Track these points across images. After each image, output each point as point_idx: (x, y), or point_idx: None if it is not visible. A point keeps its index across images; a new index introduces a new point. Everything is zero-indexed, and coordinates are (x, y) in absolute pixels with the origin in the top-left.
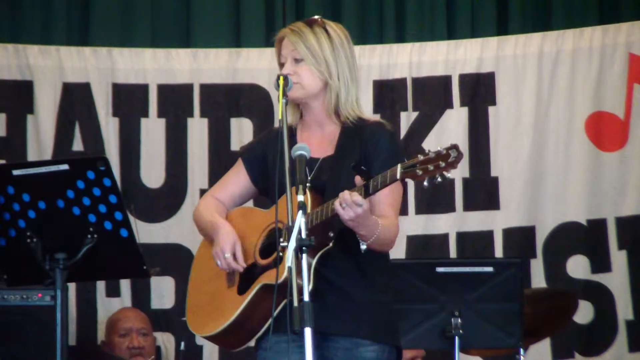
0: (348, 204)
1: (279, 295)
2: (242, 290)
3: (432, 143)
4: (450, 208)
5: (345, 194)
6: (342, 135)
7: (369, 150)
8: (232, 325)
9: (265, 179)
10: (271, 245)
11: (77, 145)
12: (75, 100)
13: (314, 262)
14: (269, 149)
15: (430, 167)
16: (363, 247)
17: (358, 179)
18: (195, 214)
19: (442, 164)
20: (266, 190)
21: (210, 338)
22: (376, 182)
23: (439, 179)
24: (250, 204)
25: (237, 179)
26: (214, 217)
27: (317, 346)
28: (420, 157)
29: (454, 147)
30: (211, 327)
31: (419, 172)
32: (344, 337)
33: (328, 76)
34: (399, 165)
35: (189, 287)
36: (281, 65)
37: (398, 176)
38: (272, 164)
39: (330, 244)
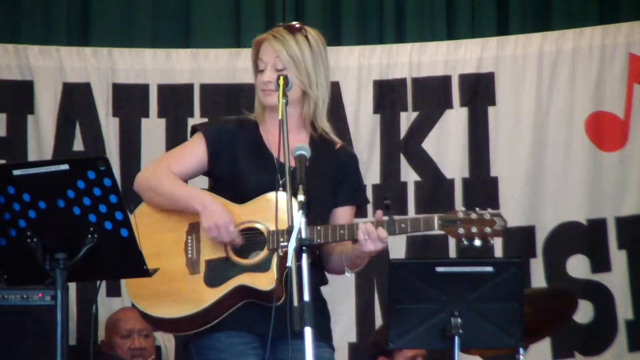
0: (372, 238)
1: (245, 297)
2: (212, 283)
3: (432, 143)
4: (450, 208)
5: (370, 227)
6: (313, 145)
7: (341, 176)
8: (193, 316)
9: (227, 166)
10: (248, 247)
11: (78, 145)
12: (76, 100)
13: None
14: (239, 139)
15: (474, 230)
16: (348, 274)
17: (379, 214)
18: (153, 182)
19: (488, 230)
20: (221, 177)
21: (158, 319)
22: (405, 225)
23: (479, 243)
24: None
25: (195, 156)
26: (191, 189)
27: (276, 349)
28: (461, 215)
29: (499, 215)
30: (167, 310)
31: (461, 231)
32: (301, 339)
33: (308, 86)
34: (435, 217)
35: None
36: (256, 67)
37: (436, 228)
38: (243, 156)
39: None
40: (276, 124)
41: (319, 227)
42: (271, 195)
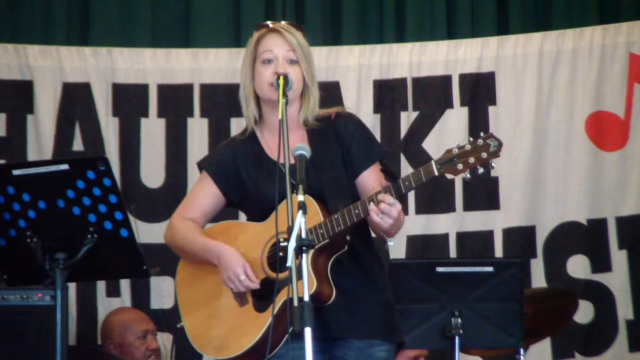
0: (386, 213)
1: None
2: (260, 308)
3: (432, 143)
4: (450, 208)
5: (373, 207)
6: (312, 137)
7: (346, 144)
8: (258, 344)
9: (239, 191)
10: (284, 261)
11: (77, 145)
12: (75, 100)
13: (329, 266)
14: (241, 160)
15: (472, 160)
16: (391, 243)
17: (383, 182)
18: (173, 238)
19: (484, 155)
20: (241, 202)
21: (233, 359)
22: (409, 182)
23: (481, 170)
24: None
25: (206, 195)
26: (205, 241)
27: (328, 347)
28: (456, 151)
29: (491, 136)
30: (234, 347)
31: (460, 166)
32: (358, 339)
33: (311, 81)
34: (432, 162)
35: (183, 312)
36: (253, 60)
37: (436, 173)
38: (249, 175)
39: (346, 247)
40: (275, 122)
41: (336, 216)
42: (284, 204)
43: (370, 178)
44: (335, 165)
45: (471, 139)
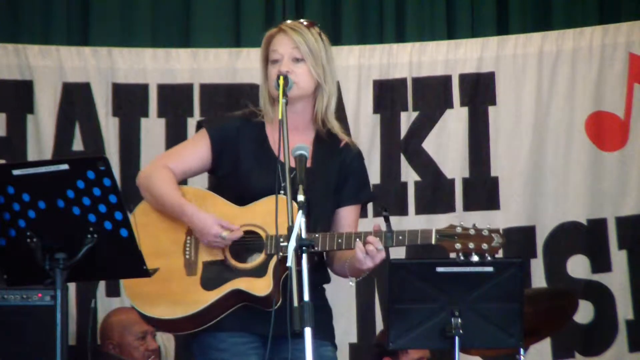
0: (371, 255)
1: (240, 300)
2: (208, 285)
3: (432, 143)
4: (450, 208)
5: (369, 247)
6: (317, 148)
7: (344, 175)
8: (189, 317)
9: (230, 165)
10: (247, 250)
11: (77, 145)
12: (75, 100)
13: (284, 276)
14: (243, 138)
15: (471, 245)
16: (351, 283)
17: (377, 226)
18: (148, 182)
19: (485, 246)
20: (223, 175)
21: (154, 319)
22: (402, 238)
23: (475, 258)
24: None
25: (197, 154)
26: (182, 199)
27: (278, 348)
28: (459, 230)
29: (499, 232)
30: (165, 311)
31: (458, 246)
32: (302, 339)
33: (323, 79)
34: (433, 230)
35: None
36: (265, 61)
37: (433, 241)
38: (246, 156)
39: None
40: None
41: (317, 235)
42: (273, 198)
43: (349, 216)
44: (326, 185)
45: (476, 225)
